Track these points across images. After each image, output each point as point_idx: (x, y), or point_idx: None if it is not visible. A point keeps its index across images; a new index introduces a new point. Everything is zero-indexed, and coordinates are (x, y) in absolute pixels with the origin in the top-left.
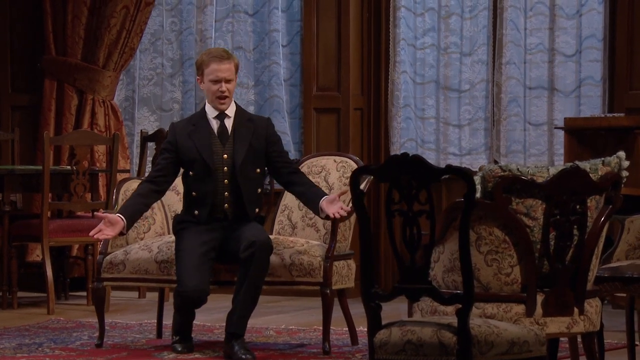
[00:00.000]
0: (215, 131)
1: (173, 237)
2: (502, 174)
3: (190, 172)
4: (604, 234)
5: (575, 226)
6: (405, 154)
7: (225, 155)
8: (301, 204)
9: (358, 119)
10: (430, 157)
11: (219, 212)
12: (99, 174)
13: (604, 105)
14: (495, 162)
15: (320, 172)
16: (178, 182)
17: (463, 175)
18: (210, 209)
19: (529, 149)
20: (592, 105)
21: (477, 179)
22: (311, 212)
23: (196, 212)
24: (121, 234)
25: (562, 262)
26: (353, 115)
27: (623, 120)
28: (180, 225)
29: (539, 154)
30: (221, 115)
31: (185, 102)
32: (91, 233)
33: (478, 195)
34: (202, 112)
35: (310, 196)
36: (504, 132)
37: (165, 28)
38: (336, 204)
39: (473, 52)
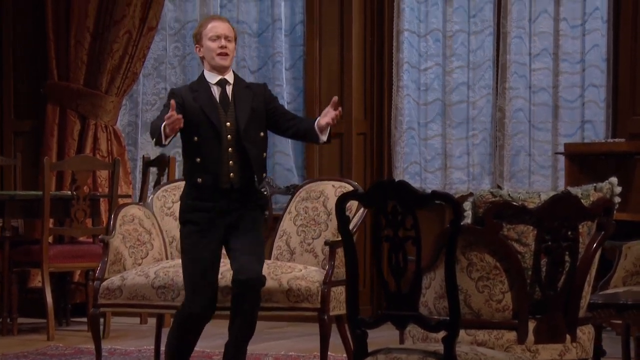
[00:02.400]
0: (217, 98)
1: (170, 262)
2: (493, 199)
3: (195, 138)
4: (596, 260)
5: (567, 252)
6: (391, 180)
7: (229, 123)
8: (299, 230)
9: (361, 143)
10: (435, 182)
11: (224, 182)
12: (101, 199)
13: (608, 130)
14: (499, 186)
15: (319, 197)
16: (177, 207)
17: (448, 201)
18: (215, 178)
19: (533, 174)
20: (596, 130)
21: (468, 205)
22: (309, 236)
23: (199, 179)
24: (163, 144)
25: (554, 288)
26: (356, 140)
27: (623, 146)
28: (186, 215)
29: (543, 179)
30: (222, 82)
31: None
32: (173, 118)
33: (469, 221)
34: (202, 79)
35: (305, 127)
36: (507, 156)
37: (169, 53)
38: (329, 114)
39: (477, 76)
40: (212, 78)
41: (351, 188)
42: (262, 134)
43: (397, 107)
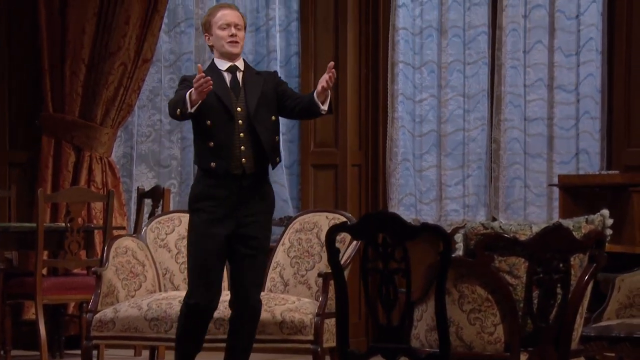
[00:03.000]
0: (228, 84)
1: (163, 294)
2: (485, 231)
3: (208, 122)
4: (588, 292)
5: (558, 284)
6: (381, 212)
7: (239, 108)
8: (293, 262)
9: (356, 175)
10: (430, 213)
11: (236, 167)
12: (95, 231)
13: (603, 162)
14: (494, 218)
15: (313, 228)
16: (170, 239)
17: (438, 233)
18: (227, 163)
19: (529, 205)
20: (591, 161)
21: (459, 237)
22: (303, 267)
23: (212, 164)
24: (188, 115)
25: (546, 320)
26: (351, 171)
27: (617, 178)
28: (196, 204)
29: (539, 210)
30: (232, 68)
31: (183, 158)
32: (202, 80)
33: (460, 253)
34: (212, 66)
35: (307, 100)
36: (502, 188)
37: (164, 85)
38: (323, 78)
39: (472, 108)
40: (223, 65)
41: (345, 219)
42: (273, 117)
43: (392, 138)
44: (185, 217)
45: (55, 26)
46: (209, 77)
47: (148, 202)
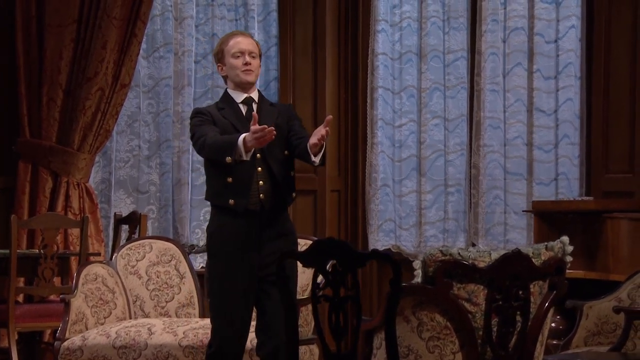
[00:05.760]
0: (244, 115)
1: (132, 322)
2: (443, 258)
3: (228, 157)
4: (548, 320)
5: (518, 312)
6: (330, 239)
7: None
8: None
9: (335, 200)
10: (409, 239)
11: (254, 204)
12: (72, 257)
13: (582, 188)
14: (473, 244)
15: None
16: (141, 266)
17: (388, 260)
18: (246, 199)
19: (508, 231)
20: (570, 187)
21: (417, 264)
22: None
23: (231, 201)
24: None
25: (505, 349)
26: (330, 197)
27: (591, 204)
28: (216, 247)
29: (519, 236)
30: (248, 100)
31: (162, 184)
32: (265, 131)
33: (419, 280)
34: (227, 97)
35: (303, 147)
36: (482, 213)
37: (142, 110)
38: (316, 134)
39: (452, 133)
40: (238, 97)
41: None
42: (286, 152)
43: (372, 163)
44: (156, 243)
45: (32, 51)
46: (272, 128)
47: (125, 227)
